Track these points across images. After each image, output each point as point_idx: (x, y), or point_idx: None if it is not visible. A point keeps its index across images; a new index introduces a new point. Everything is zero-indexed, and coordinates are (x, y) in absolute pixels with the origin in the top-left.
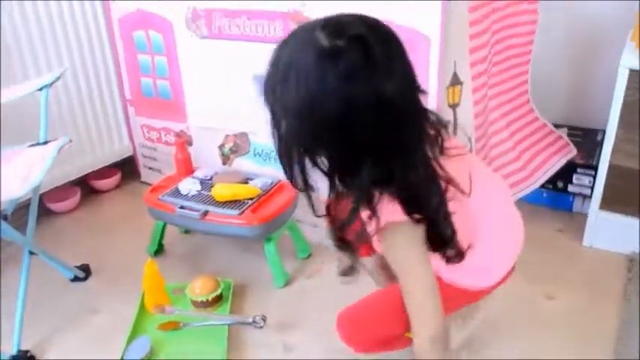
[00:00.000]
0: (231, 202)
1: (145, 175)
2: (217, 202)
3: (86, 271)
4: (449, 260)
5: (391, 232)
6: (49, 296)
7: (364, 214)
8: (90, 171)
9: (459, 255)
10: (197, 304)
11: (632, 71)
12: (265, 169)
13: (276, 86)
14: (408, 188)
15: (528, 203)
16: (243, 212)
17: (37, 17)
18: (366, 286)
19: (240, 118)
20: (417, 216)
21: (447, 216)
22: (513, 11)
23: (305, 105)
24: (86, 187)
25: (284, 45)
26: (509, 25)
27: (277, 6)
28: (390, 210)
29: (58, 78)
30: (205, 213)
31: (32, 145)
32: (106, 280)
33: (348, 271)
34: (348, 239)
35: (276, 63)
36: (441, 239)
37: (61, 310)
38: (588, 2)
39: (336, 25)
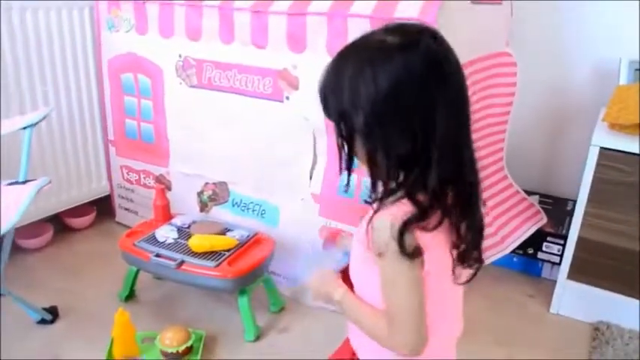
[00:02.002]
0: (207, 252)
1: (120, 215)
2: (193, 252)
3: (54, 313)
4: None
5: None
6: (11, 338)
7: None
8: (65, 209)
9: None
10: (167, 355)
11: (602, 149)
12: (243, 219)
13: (354, 87)
14: (465, 187)
15: (499, 267)
16: (219, 264)
17: (27, 54)
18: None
19: (221, 167)
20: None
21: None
22: (493, 78)
23: (390, 95)
24: (59, 223)
25: (345, 55)
26: (490, 86)
27: (269, 63)
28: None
29: (44, 118)
30: (181, 263)
31: (11, 184)
32: (74, 323)
33: None
34: None
35: (339, 69)
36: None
37: (23, 355)
38: (566, 76)
39: (398, 27)
